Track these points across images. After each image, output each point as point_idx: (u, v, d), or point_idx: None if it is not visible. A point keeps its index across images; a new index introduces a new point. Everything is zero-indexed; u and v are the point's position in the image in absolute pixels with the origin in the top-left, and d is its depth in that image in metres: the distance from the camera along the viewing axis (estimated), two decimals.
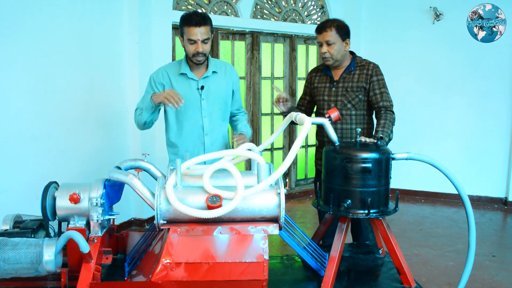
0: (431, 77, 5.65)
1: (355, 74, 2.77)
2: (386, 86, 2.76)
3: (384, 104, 2.70)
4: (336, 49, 2.70)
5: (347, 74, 2.78)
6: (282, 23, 5.42)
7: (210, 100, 2.65)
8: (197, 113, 2.63)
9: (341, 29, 2.70)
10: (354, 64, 2.78)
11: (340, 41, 2.71)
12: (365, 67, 2.76)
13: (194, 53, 2.51)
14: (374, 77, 2.73)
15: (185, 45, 2.54)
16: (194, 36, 2.46)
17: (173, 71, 2.65)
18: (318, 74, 2.93)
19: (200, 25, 2.46)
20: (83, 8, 3.84)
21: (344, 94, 2.76)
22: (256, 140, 5.43)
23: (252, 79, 5.33)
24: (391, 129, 2.63)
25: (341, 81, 2.79)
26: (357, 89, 2.74)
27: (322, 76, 2.89)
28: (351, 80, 2.76)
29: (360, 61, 2.80)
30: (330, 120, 2.25)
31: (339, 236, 2.06)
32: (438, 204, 5.54)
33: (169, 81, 2.62)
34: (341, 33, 2.70)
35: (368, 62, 2.80)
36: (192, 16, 2.48)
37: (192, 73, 2.63)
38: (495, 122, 5.42)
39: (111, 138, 4.19)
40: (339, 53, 2.72)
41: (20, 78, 3.38)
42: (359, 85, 2.74)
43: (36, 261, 1.69)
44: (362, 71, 2.76)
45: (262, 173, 1.79)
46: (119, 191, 2.06)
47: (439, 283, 3.35)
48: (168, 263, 1.69)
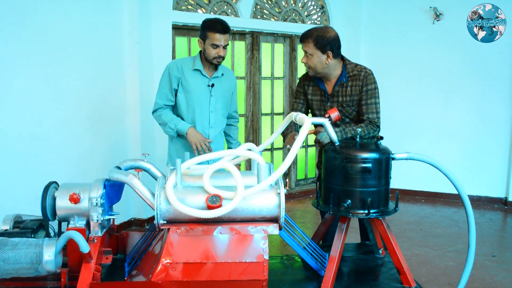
0: (431, 77, 5.64)
1: (348, 87, 2.60)
2: (377, 96, 2.60)
3: (369, 117, 2.55)
4: (314, 62, 2.54)
5: (339, 87, 2.62)
6: (282, 23, 5.41)
7: (217, 97, 2.94)
8: (205, 107, 2.92)
9: (320, 42, 2.50)
10: (345, 74, 2.61)
11: (319, 53, 2.52)
12: (356, 77, 2.59)
13: (215, 56, 2.82)
14: (364, 87, 2.56)
15: (207, 48, 2.82)
16: (218, 41, 2.78)
17: (187, 66, 2.92)
18: (310, 83, 2.74)
19: (224, 33, 2.79)
20: (83, 8, 3.83)
21: (340, 110, 2.61)
22: (256, 140, 5.43)
23: (252, 79, 5.33)
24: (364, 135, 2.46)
25: (335, 94, 2.63)
26: (352, 103, 2.60)
27: (315, 87, 2.72)
28: (345, 94, 2.60)
29: (352, 69, 2.61)
30: (330, 120, 2.25)
31: (339, 236, 2.06)
32: (438, 204, 5.54)
33: (183, 75, 2.89)
34: (320, 46, 2.51)
35: (360, 70, 2.60)
36: (218, 23, 2.80)
37: (205, 71, 2.91)
38: (495, 122, 5.42)
39: (111, 138, 4.19)
40: (317, 66, 2.55)
41: (20, 78, 3.38)
42: (353, 98, 2.59)
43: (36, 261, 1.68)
44: (354, 82, 2.59)
45: (262, 173, 1.79)
46: (119, 191, 2.06)
47: (439, 283, 3.35)
48: (168, 263, 1.69)
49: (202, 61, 2.92)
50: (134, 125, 4.31)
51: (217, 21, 2.81)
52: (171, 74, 2.89)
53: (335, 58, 2.58)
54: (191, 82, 2.88)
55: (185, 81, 2.89)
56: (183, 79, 2.89)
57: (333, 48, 2.53)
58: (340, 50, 2.61)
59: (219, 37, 2.77)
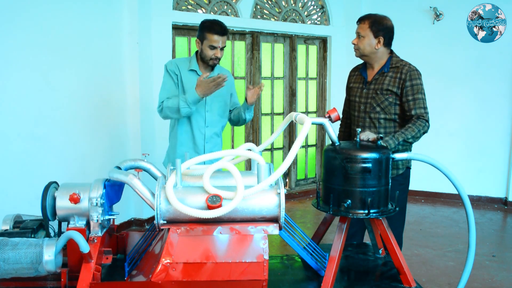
0: (431, 77, 5.63)
1: (387, 76, 2.65)
2: (423, 92, 2.61)
3: (417, 112, 2.56)
4: (365, 44, 2.63)
5: (379, 76, 2.67)
6: (282, 23, 5.42)
7: (213, 97, 2.92)
8: (201, 107, 2.92)
9: (375, 25, 2.62)
10: (388, 65, 2.65)
11: (372, 36, 2.62)
12: (399, 70, 2.63)
13: (212, 57, 2.84)
14: (408, 82, 2.59)
15: (204, 49, 2.84)
16: (216, 43, 2.79)
17: (183, 66, 2.93)
18: (356, 73, 2.86)
19: (222, 35, 2.81)
20: (83, 8, 3.84)
21: (373, 97, 2.66)
22: (256, 140, 5.43)
23: (252, 79, 5.32)
24: (414, 134, 2.50)
25: (373, 82, 2.69)
26: (387, 92, 2.63)
27: (357, 76, 2.82)
28: (382, 82, 2.65)
29: (396, 62, 2.66)
30: (330, 120, 2.24)
31: (339, 236, 2.05)
32: (438, 204, 5.54)
33: (180, 73, 2.90)
34: (374, 29, 2.61)
35: (404, 64, 2.65)
36: (216, 24, 2.81)
37: (201, 72, 2.92)
38: (495, 122, 5.43)
39: (111, 138, 4.19)
40: (367, 48, 2.64)
41: (20, 78, 3.38)
42: (389, 88, 2.62)
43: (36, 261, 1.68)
44: (395, 74, 2.63)
45: (262, 173, 1.79)
46: (119, 191, 2.05)
47: (439, 283, 3.35)
48: (168, 263, 1.69)
49: (198, 62, 2.94)
50: (134, 125, 4.31)
51: (216, 23, 2.82)
52: (169, 71, 2.91)
53: (385, 47, 2.66)
54: (187, 82, 2.89)
55: (181, 81, 2.91)
56: (179, 77, 2.91)
57: (386, 36, 2.64)
58: (391, 41, 2.69)
59: (217, 38, 2.79)
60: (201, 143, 2.96)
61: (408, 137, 2.49)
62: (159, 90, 2.96)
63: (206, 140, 2.97)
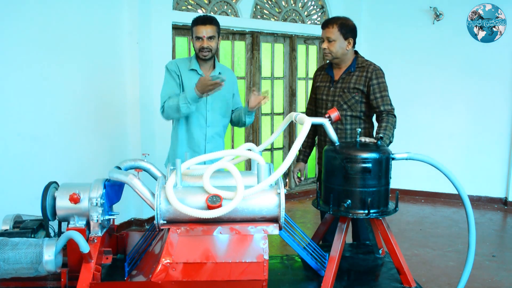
0: (431, 77, 5.65)
1: (354, 75, 2.76)
2: (387, 90, 2.74)
3: (386, 108, 2.69)
4: (337, 47, 2.71)
5: (346, 75, 2.78)
6: (282, 23, 5.42)
7: (214, 96, 2.89)
8: (202, 106, 2.89)
9: (344, 27, 2.69)
10: (355, 64, 2.78)
11: (342, 39, 2.70)
12: (365, 69, 2.75)
13: (200, 48, 2.80)
14: (374, 80, 2.71)
15: (194, 43, 2.85)
16: (200, 33, 2.77)
17: (184, 66, 2.92)
18: (322, 72, 2.94)
19: (205, 24, 2.78)
20: (83, 8, 3.84)
21: (341, 95, 2.77)
22: (256, 140, 5.43)
23: (252, 79, 5.33)
24: (392, 132, 2.62)
25: (340, 81, 2.79)
26: (354, 91, 2.74)
27: (324, 75, 2.91)
28: (349, 81, 2.76)
29: (362, 62, 2.79)
30: (330, 120, 2.24)
31: (339, 236, 2.05)
32: (438, 204, 5.54)
33: (180, 74, 2.89)
34: (343, 31, 2.69)
35: (369, 64, 2.77)
36: (199, 16, 2.82)
37: (201, 70, 2.90)
38: (495, 122, 5.42)
39: (111, 138, 4.19)
40: (339, 51, 2.72)
41: (20, 78, 3.38)
42: (356, 86, 2.73)
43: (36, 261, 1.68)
44: (361, 73, 2.75)
45: (262, 173, 1.79)
46: (119, 191, 2.05)
47: (439, 283, 3.35)
48: (168, 263, 1.69)
49: (198, 61, 2.93)
50: (134, 125, 4.31)
51: (200, 15, 2.85)
52: (170, 70, 2.90)
53: (353, 48, 2.78)
54: (187, 82, 2.88)
55: (182, 80, 2.90)
56: (180, 77, 2.90)
57: (353, 37, 2.75)
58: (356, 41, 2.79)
59: (201, 28, 2.77)
60: (202, 143, 2.92)
61: (391, 137, 2.60)
62: (159, 90, 2.95)
63: (207, 141, 2.93)
